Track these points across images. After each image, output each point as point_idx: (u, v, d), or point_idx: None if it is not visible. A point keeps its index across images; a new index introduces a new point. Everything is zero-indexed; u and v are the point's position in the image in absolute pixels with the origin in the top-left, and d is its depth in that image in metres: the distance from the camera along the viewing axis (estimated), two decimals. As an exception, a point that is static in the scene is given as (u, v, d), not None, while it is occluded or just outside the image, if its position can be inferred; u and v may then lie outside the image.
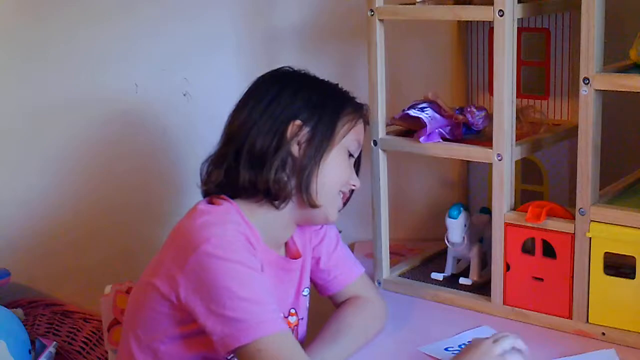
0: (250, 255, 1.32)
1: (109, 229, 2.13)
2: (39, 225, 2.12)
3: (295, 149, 1.41)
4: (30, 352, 1.89)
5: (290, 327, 1.46)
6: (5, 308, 1.92)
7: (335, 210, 1.47)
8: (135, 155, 2.10)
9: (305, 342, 1.52)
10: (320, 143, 1.42)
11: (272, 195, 1.40)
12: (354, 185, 1.49)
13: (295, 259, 1.51)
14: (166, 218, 2.03)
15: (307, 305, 1.56)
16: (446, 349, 1.48)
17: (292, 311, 1.51)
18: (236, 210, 1.39)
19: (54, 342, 1.96)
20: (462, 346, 1.45)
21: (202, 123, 2.05)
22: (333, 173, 1.44)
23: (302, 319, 1.54)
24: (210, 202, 1.41)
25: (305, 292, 1.55)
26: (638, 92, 1.41)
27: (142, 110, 2.06)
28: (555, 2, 1.68)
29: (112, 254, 2.13)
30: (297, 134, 1.40)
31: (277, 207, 1.41)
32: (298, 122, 1.41)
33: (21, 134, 2.10)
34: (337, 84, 1.51)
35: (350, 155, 1.48)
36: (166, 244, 1.39)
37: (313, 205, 1.42)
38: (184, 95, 2.09)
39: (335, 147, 1.43)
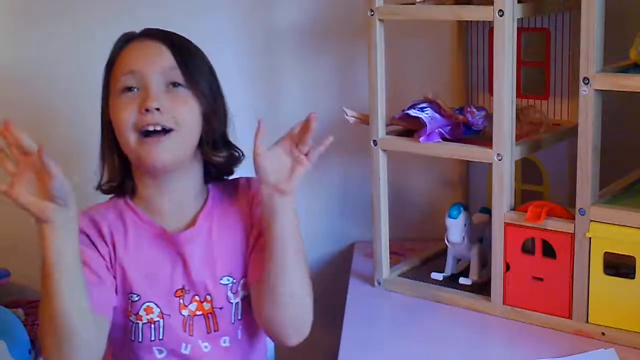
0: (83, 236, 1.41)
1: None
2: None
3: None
4: (30, 352, 1.89)
5: (189, 313, 1.44)
6: (5, 308, 1.92)
7: (142, 147, 1.40)
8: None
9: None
10: (102, 103, 1.48)
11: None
12: (146, 110, 1.38)
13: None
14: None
15: (231, 295, 1.46)
16: None
17: (208, 297, 1.44)
18: (123, 201, 1.49)
19: (54, 342, 1.95)
20: None
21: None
22: (115, 118, 1.43)
23: (220, 308, 1.45)
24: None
25: (225, 280, 1.46)
26: (638, 92, 1.41)
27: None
28: (555, 2, 1.68)
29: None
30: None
31: (130, 193, 1.48)
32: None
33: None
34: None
35: (127, 89, 1.42)
36: None
37: (127, 154, 1.45)
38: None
39: (111, 94, 1.45)
